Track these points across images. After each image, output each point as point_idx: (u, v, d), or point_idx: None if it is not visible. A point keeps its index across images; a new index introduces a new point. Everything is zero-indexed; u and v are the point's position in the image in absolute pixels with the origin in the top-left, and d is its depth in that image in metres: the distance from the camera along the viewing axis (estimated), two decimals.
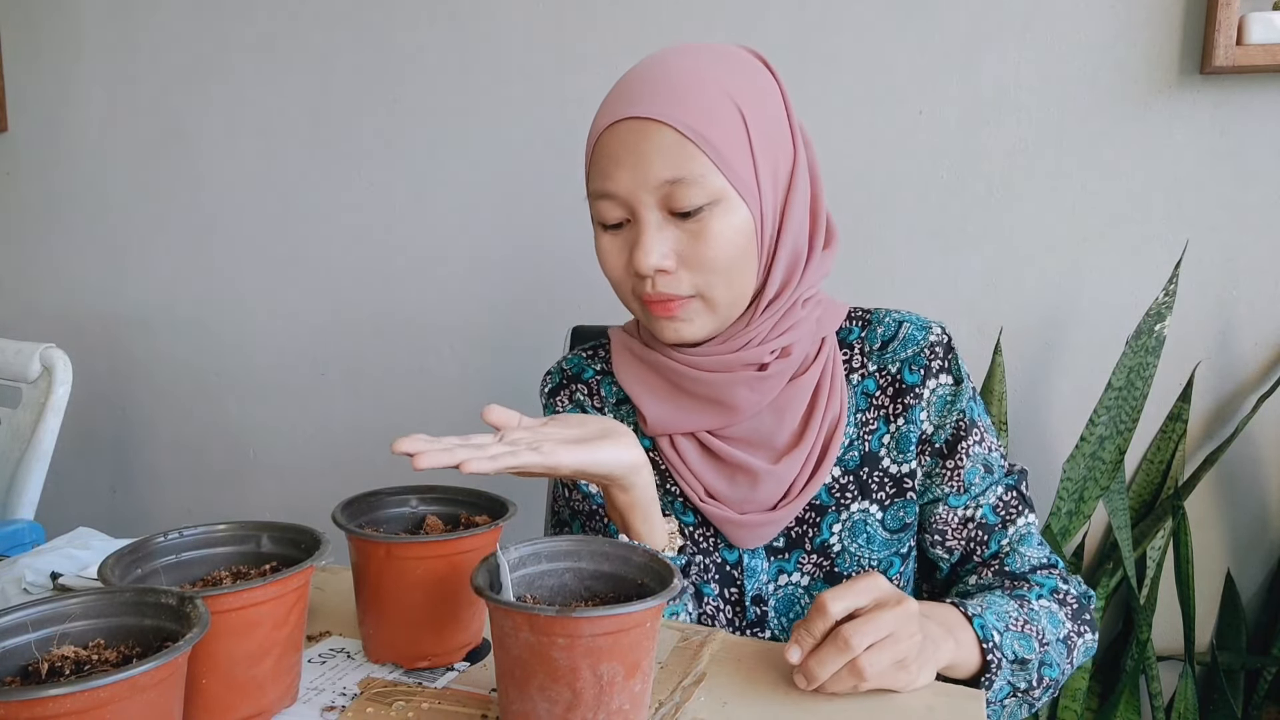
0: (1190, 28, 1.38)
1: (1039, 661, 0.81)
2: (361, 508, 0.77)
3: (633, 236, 0.81)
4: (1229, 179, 1.40)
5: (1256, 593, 1.47)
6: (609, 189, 0.80)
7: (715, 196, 0.78)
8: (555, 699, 0.57)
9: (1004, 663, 0.78)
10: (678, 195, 0.78)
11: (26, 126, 2.01)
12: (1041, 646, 0.81)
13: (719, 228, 0.79)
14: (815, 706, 0.67)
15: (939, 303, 1.52)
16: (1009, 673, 0.79)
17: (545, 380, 1.00)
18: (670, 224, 0.80)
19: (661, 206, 0.79)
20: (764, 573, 0.89)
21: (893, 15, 1.49)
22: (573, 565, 0.68)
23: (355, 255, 1.84)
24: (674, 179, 0.77)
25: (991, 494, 0.89)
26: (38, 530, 1.11)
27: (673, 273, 0.81)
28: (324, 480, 1.92)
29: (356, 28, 1.76)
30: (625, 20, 1.61)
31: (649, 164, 0.78)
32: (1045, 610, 0.84)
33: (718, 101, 0.78)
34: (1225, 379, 1.45)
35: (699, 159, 0.77)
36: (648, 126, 0.78)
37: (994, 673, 0.77)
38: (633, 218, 0.81)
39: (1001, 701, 0.80)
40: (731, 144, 0.78)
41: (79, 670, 0.54)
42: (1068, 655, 0.84)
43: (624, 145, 0.79)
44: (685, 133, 0.77)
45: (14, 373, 1.45)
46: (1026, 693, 0.81)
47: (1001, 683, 0.78)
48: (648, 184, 0.78)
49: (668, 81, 0.79)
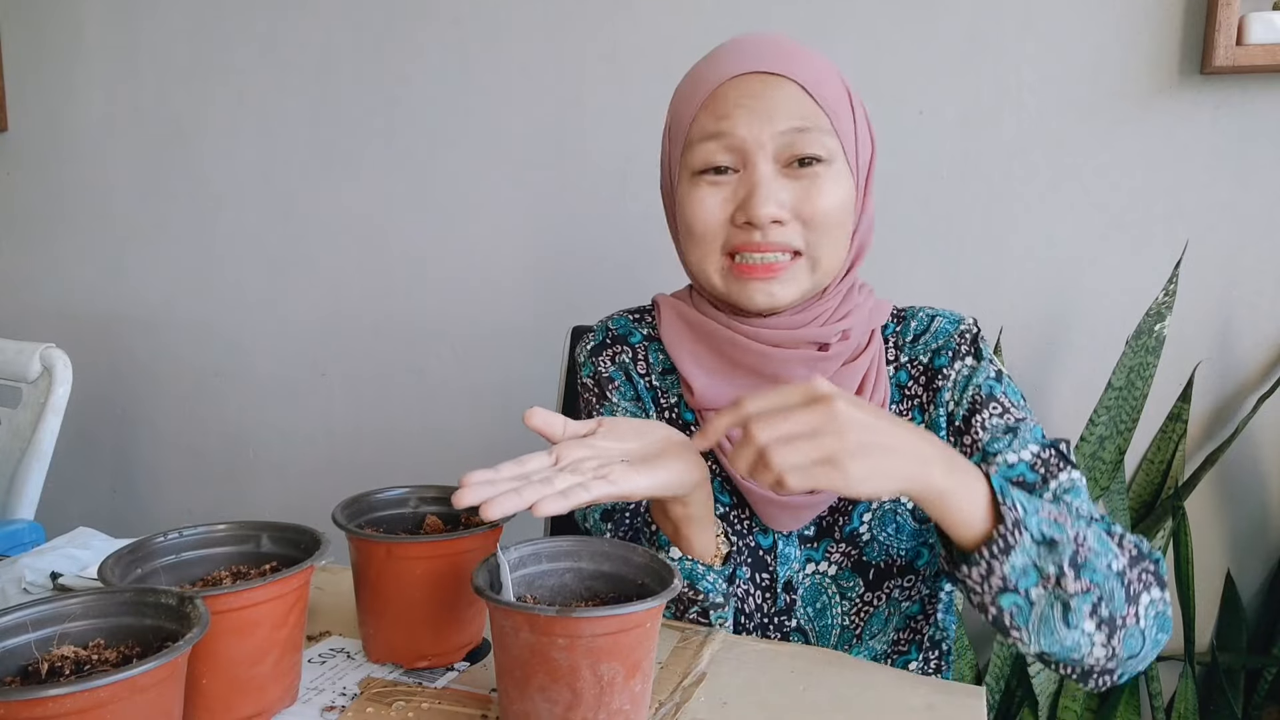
0: (1190, 28, 1.38)
1: (1074, 554, 0.68)
2: (361, 508, 0.77)
3: (742, 187, 0.81)
4: (1229, 179, 1.40)
5: (1256, 593, 1.47)
6: (726, 129, 0.80)
7: (832, 154, 0.81)
8: (555, 699, 0.57)
9: (1024, 531, 0.67)
10: (801, 141, 0.79)
11: (26, 126, 2.01)
12: (1081, 546, 0.69)
13: (832, 186, 0.81)
14: (815, 706, 0.67)
15: (939, 303, 1.51)
16: (1033, 551, 0.68)
17: (586, 338, 0.98)
18: (784, 177, 0.81)
19: (778, 159, 0.80)
20: (796, 560, 0.88)
21: (893, 15, 1.49)
22: (573, 565, 0.68)
23: (355, 255, 1.83)
24: (800, 127, 0.79)
25: (1025, 450, 0.81)
26: (38, 530, 1.11)
27: (786, 225, 0.81)
28: (324, 480, 1.92)
29: (356, 28, 1.76)
30: (625, 21, 1.61)
31: (775, 110, 0.79)
32: (1094, 532, 0.72)
33: (833, 76, 0.83)
34: (1225, 379, 1.45)
35: (821, 118, 0.80)
36: (775, 80, 0.80)
37: (1010, 533, 0.67)
38: (745, 165, 0.81)
39: (1026, 592, 0.68)
40: (845, 114, 0.83)
41: (79, 670, 0.54)
42: (1126, 595, 0.71)
43: (749, 93, 0.80)
44: (811, 92, 0.80)
45: (14, 373, 1.45)
46: (1059, 583, 0.68)
47: (1023, 559, 0.67)
48: (773, 128, 0.79)
49: (789, 48, 0.82)
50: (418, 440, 1.83)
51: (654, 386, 0.95)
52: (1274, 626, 1.42)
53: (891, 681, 0.72)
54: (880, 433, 0.65)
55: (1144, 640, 0.72)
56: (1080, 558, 0.69)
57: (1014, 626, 0.69)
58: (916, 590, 0.90)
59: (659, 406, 0.94)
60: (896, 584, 0.89)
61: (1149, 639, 0.73)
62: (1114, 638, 0.70)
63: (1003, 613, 0.69)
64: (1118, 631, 0.70)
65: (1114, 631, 0.70)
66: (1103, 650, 0.71)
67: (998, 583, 0.68)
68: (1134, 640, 0.72)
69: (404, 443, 1.84)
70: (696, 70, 0.86)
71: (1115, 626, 0.70)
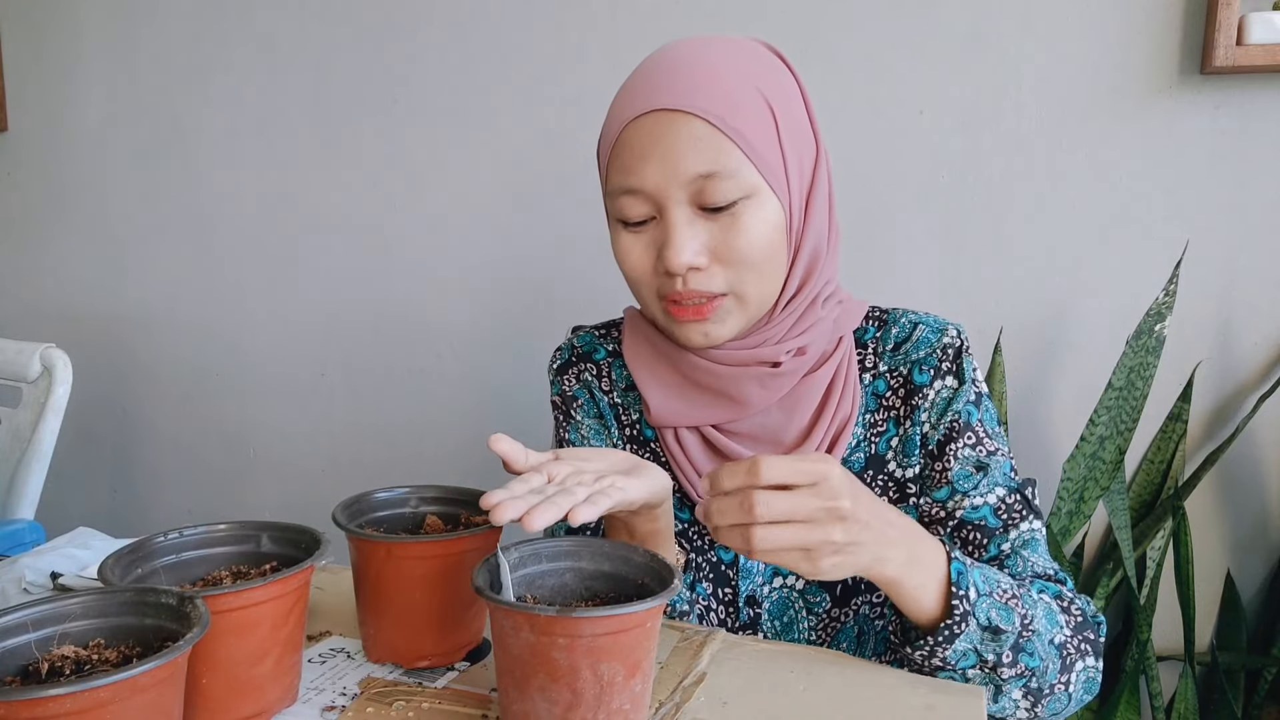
0: (1190, 28, 1.38)
1: (1016, 640, 0.72)
2: (361, 508, 0.77)
3: (659, 234, 0.78)
4: (1229, 179, 1.40)
5: (1256, 593, 1.47)
6: (634, 184, 0.77)
7: (749, 190, 0.76)
8: (555, 699, 0.57)
9: (972, 621, 0.70)
10: (711, 190, 0.75)
11: (26, 126, 2.01)
12: (1026, 630, 0.72)
13: (752, 221, 0.76)
14: (815, 706, 0.67)
15: (939, 303, 1.52)
16: (977, 637, 0.71)
17: (555, 356, 0.98)
18: (701, 219, 0.77)
19: (692, 202, 0.76)
20: (759, 574, 0.88)
21: (893, 15, 1.49)
22: (573, 565, 0.68)
23: (355, 255, 1.84)
24: (707, 173, 0.74)
25: (991, 494, 0.83)
26: (38, 530, 1.11)
27: (705, 269, 0.78)
28: (324, 480, 1.92)
29: (356, 28, 1.76)
30: (625, 20, 1.61)
31: (680, 157, 0.75)
32: (1044, 604, 0.75)
33: (746, 93, 0.76)
34: (1225, 379, 1.45)
35: (732, 152, 0.75)
36: (677, 118, 0.75)
37: (956, 624, 0.69)
38: (660, 214, 0.78)
39: (963, 671, 0.72)
40: (763, 137, 0.76)
41: (79, 670, 0.54)
42: (1061, 665, 0.74)
43: (652, 138, 0.76)
44: (718, 124, 0.74)
45: (14, 373, 1.45)
46: (995, 669, 0.71)
47: (965, 644, 0.70)
48: (679, 178, 0.75)
49: (694, 72, 0.76)
50: (418, 440, 1.83)
51: (616, 404, 0.95)
52: (1274, 626, 1.42)
53: (891, 681, 0.72)
54: (863, 531, 0.65)
55: (1069, 702, 0.76)
56: (1023, 640, 0.72)
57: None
58: (889, 609, 0.88)
59: (620, 423, 0.94)
60: (865, 600, 0.87)
61: (1074, 701, 0.77)
62: (1039, 705, 0.75)
63: (935, 674, 0.73)
64: (1044, 699, 0.75)
65: (1039, 700, 0.75)
66: (1026, 714, 0.76)
67: (937, 662, 0.72)
68: (1059, 703, 0.76)
69: (404, 443, 1.84)
70: (611, 107, 0.82)
71: (1043, 695, 0.75)
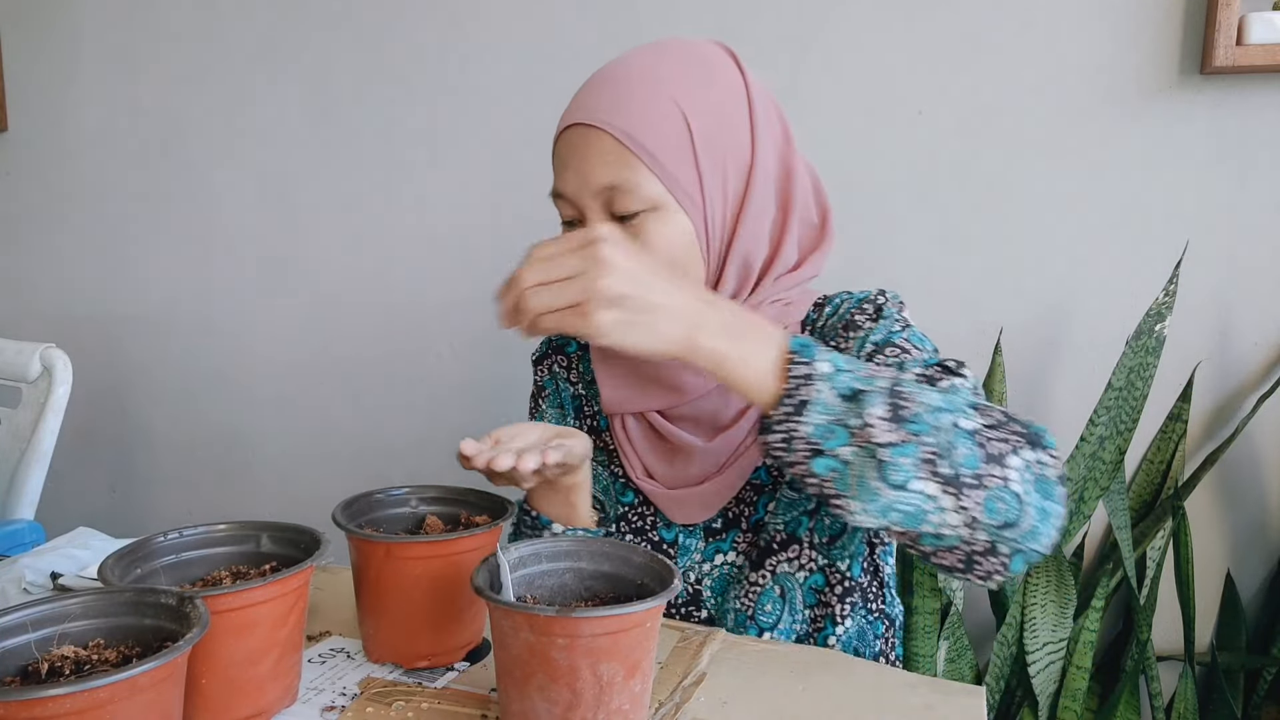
0: (1190, 28, 1.38)
1: (891, 402, 0.64)
2: (361, 508, 0.77)
3: None
4: (1229, 179, 1.40)
5: (1256, 593, 1.47)
6: (559, 190, 0.84)
7: (653, 203, 0.79)
8: (555, 699, 0.57)
9: (823, 386, 0.64)
10: (615, 200, 0.80)
11: (26, 126, 2.01)
12: (899, 393, 0.65)
13: (655, 233, 0.80)
14: (815, 707, 0.67)
15: (939, 303, 1.52)
16: (837, 408, 0.64)
17: (537, 348, 1.04)
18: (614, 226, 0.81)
19: (605, 210, 0.81)
20: (697, 551, 0.90)
21: (893, 15, 1.49)
22: (573, 565, 0.68)
23: (355, 255, 1.83)
24: (611, 185, 0.79)
25: (908, 374, 0.75)
26: (38, 530, 1.11)
27: None
28: (324, 480, 1.92)
29: (356, 28, 1.76)
30: (625, 20, 1.61)
31: (590, 169, 0.80)
32: (938, 395, 0.67)
33: (661, 108, 0.79)
34: (1225, 379, 1.45)
35: (636, 166, 0.79)
36: (590, 133, 0.80)
37: (801, 389, 0.64)
38: (582, 219, 0.83)
39: (837, 453, 0.64)
40: (672, 152, 0.79)
41: (79, 670, 0.54)
42: (982, 455, 0.65)
43: (571, 150, 0.82)
44: (623, 140, 0.78)
45: (14, 373, 1.45)
46: (868, 436, 0.63)
47: (823, 416, 0.64)
48: (589, 188, 0.80)
49: (613, 88, 0.81)
50: (417, 440, 1.83)
51: (580, 395, 0.99)
52: (1274, 626, 1.42)
53: (891, 681, 0.72)
54: (645, 287, 0.64)
55: (1021, 505, 0.65)
56: (903, 409, 0.64)
57: (836, 496, 0.65)
58: (809, 561, 0.87)
59: (583, 414, 0.99)
60: (780, 559, 0.88)
61: (1029, 505, 0.65)
62: (965, 498, 0.64)
63: (823, 481, 0.65)
64: (970, 492, 0.64)
65: (963, 491, 0.64)
66: (956, 515, 0.64)
67: (804, 447, 0.65)
68: (1002, 504, 0.64)
69: (404, 443, 1.84)
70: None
71: (965, 485, 0.64)
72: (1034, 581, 1.33)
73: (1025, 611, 1.35)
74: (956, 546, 0.67)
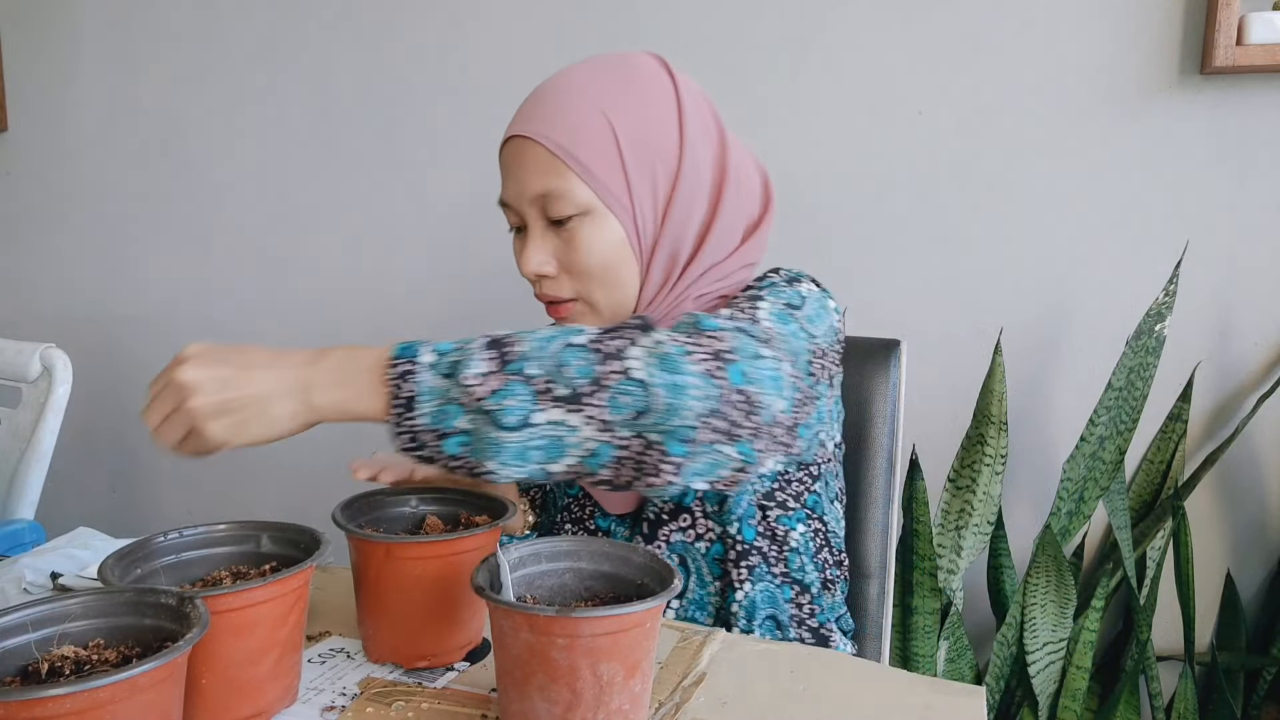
0: (1190, 28, 1.38)
1: (485, 363, 0.65)
2: (361, 508, 0.77)
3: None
4: (1229, 179, 1.40)
5: (1256, 593, 1.47)
6: (503, 196, 0.89)
7: (584, 209, 0.84)
8: (555, 699, 0.57)
9: (420, 375, 0.66)
10: (549, 206, 0.84)
11: (26, 126, 2.01)
12: (499, 350, 0.66)
13: (588, 237, 0.85)
14: (815, 707, 0.67)
15: (939, 303, 1.52)
16: (441, 389, 0.65)
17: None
18: (552, 232, 0.86)
19: (542, 216, 0.86)
20: (621, 539, 0.92)
21: (893, 15, 1.49)
22: (573, 565, 0.68)
23: (355, 255, 1.83)
24: (545, 192, 0.84)
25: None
26: (38, 530, 1.11)
27: (554, 277, 0.88)
28: (324, 480, 1.92)
29: (356, 28, 1.76)
30: (625, 21, 1.61)
31: (525, 178, 0.85)
32: (544, 335, 0.68)
33: (590, 119, 0.84)
34: (1225, 379, 1.45)
35: (567, 175, 0.83)
36: (525, 144, 0.85)
37: (402, 388, 0.66)
38: (524, 224, 0.88)
39: (458, 428, 0.65)
40: (600, 160, 0.83)
41: (79, 670, 0.54)
42: (595, 359, 0.65)
43: (510, 160, 0.87)
44: (555, 151, 0.83)
45: (14, 373, 1.45)
46: (468, 394, 0.64)
47: (433, 403, 0.65)
48: (525, 196, 0.85)
49: (546, 101, 0.86)
50: None
51: None
52: (1273, 626, 1.42)
53: (891, 681, 0.72)
54: (240, 384, 0.66)
55: (646, 389, 0.64)
56: (506, 355, 0.66)
57: (478, 466, 0.66)
58: (708, 531, 0.88)
59: None
60: (672, 528, 0.89)
61: (655, 385, 0.64)
62: (588, 406, 0.64)
63: (463, 460, 0.66)
64: (591, 398, 0.64)
65: (583, 401, 0.64)
66: (589, 427, 0.64)
67: (430, 438, 0.66)
68: (626, 396, 0.64)
69: None
70: None
71: (584, 395, 0.64)
72: (1034, 581, 1.33)
73: (1025, 611, 1.35)
74: (618, 459, 0.66)
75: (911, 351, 1.27)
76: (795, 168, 1.55)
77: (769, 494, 0.89)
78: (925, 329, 1.51)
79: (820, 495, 0.93)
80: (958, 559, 1.40)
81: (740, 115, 1.57)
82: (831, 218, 1.53)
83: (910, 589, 1.37)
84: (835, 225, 1.53)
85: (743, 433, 0.67)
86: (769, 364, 0.69)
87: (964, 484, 1.39)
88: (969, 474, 1.39)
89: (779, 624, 0.90)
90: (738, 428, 0.66)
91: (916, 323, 1.51)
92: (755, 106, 1.56)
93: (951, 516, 1.41)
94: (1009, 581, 1.45)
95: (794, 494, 0.91)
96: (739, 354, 0.68)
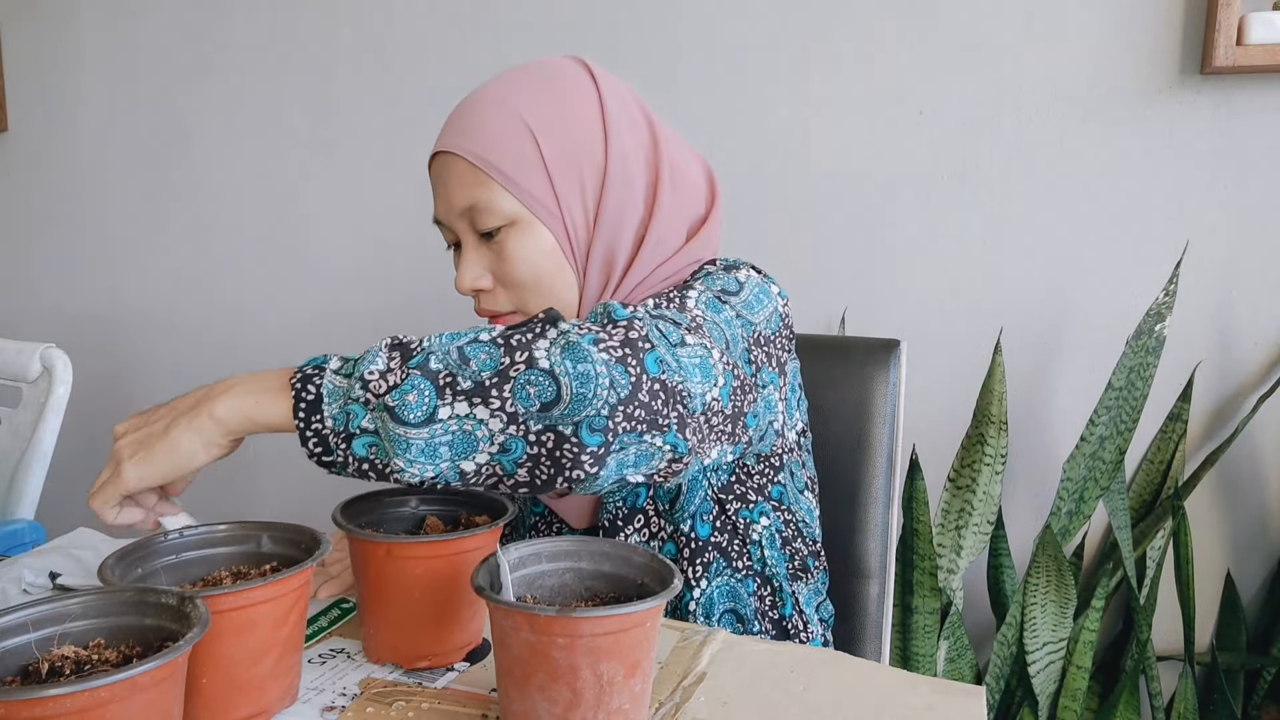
0: (1190, 28, 1.38)
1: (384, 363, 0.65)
2: (361, 508, 0.77)
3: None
4: (1229, 179, 1.40)
5: (1256, 593, 1.47)
6: (435, 214, 0.89)
7: (511, 219, 0.84)
8: (555, 699, 0.57)
9: (326, 378, 0.67)
10: (477, 219, 0.84)
11: (26, 126, 2.01)
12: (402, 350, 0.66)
13: (517, 247, 0.84)
14: (815, 706, 0.67)
15: (939, 303, 1.52)
16: (344, 388, 0.66)
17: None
18: (485, 246, 0.86)
19: (471, 229, 0.86)
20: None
21: (893, 15, 1.49)
22: (573, 565, 0.68)
23: (355, 255, 1.83)
24: (470, 206, 0.84)
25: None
26: (38, 530, 1.11)
27: (490, 290, 0.88)
28: (324, 480, 1.91)
29: (356, 27, 1.76)
30: (625, 21, 1.61)
31: (451, 193, 0.85)
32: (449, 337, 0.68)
33: (510, 127, 0.83)
34: (1225, 379, 1.45)
35: (490, 186, 0.83)
36: (448, 159, 0.85)
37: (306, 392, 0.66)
38: (458, 241, 0.88)
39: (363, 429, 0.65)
40: (523, 168, 0.83)
41: (79, 670, 0.54)
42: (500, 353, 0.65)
43: (437, 177, 0.87)
44: (475, 162, 0.83)
45: (14, 373, 1.45)
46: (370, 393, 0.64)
47: (338, 403, 0.65)
48: (453, 211, 0.86)
49: (464, 115, 0.86)
50: None
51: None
52: (1274, 626, 1.42)
53: (891, 681, 0.72)
54: (146, 428, 0.71)
55: (554, 380, 0.63)
56: (409, 352, 0.66)
57: (386, 466, 0.65)
58: (660, 530, 0.87)
59: None
60: (628, 531, 0.88)
61: (563, 376, 0.63)
62: (494, 399, 0.63)
63: (371, 461, 0.65)
64: (497, 390, 0.63)
65: (489, 393, 0.63)
66: (496, 420, 0.63)
67: (338, 441, 0.65)
68: (533, 387, 0.63)
69: None
70: None
71: (489, 387, 0.63)
72: (1034, 581, 1.33)
73: (1025, 611, 1.35)
74: (532, 455, 0.64)
75: (911, 351, 1.27)
76: (796, 168, 1.55)
77: (726, 487, 0.87)
78: (925, 329, 1.51)
79: (785, 486, 0.91)
80: (958, 559, 1.40)
81: (741, 116, 1.57)
82: (832, 218, 1.53)
83: (910, 589, 1.37)
84: (835, 225, 1.53)
85: (668, 422, 0.65)
86: (693, 350, 0.68)
87: (964, 484, 1.40)
88: (969, 474, 1.39)
89: (740, 618, 0.88)
90: (660, 417, 0.65)
91: (916, 323, 1.52)
92: (756, 107, 1.56)
93: (951, 516, 1.41)
94: (1009, 581, 1.45)
95: (755, 486, 0.89)
96: (655, 341, 0.67)
